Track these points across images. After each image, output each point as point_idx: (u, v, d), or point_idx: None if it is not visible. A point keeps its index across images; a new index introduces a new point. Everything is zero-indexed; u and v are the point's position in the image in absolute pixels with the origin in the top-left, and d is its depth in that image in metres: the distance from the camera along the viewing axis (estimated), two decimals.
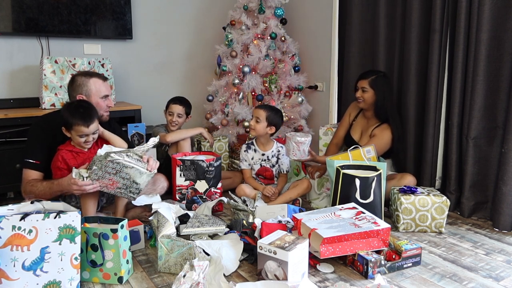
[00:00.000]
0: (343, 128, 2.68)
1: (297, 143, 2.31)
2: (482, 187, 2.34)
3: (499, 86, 2.22)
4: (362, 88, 2.45)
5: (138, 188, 1.95)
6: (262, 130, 2.50)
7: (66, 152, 2.01)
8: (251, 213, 2.15)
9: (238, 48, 3.21)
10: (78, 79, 2.12)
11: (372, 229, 1.76)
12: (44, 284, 1.50)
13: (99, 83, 2.14)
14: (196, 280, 1.41)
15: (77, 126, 1.94)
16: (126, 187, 1.92)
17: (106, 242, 1.58)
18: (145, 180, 1.94)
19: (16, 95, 2.95)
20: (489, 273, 1.72)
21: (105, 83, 2.18)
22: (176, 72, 3.65)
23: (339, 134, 2.69)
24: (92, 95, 2.12)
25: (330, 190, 2.36)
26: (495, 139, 2.28)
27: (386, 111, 2.44)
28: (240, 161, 2.62)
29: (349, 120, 2.67)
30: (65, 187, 1.89)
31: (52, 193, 1.96)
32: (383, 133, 2.43)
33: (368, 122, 2.56)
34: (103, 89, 2.15)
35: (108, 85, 2.21)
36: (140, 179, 1.92)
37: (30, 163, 2.03)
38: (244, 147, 2.61)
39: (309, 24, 3.50)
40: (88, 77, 2.13)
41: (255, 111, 2.53)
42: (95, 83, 2.12)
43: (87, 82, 2.11)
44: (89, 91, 2.11)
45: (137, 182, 1.92)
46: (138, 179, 1.91)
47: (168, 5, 3.51)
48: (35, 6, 2.86)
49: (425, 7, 2.49)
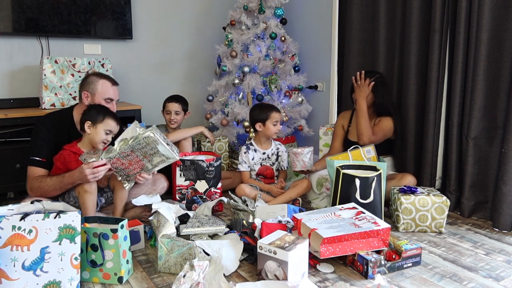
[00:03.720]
0: (338, 140, 2.67)
1: (295, 154, 2.40)
2: (482, 187, 2.34)
3: (499, 86, 2.22)
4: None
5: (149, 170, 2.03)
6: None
7: (70, 154, 2.00)
8: (251, 213, 2.15)
9: (238, 48, 3.21)
10: (89, 77, 2.18)
11: (372, 229, 1.76)
12: (44, 284, 1.50)
13: (107, 85, 2.18)
14: (196, 280, 1.41)
15: (109, 120, 2.03)
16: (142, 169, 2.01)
17: (106, 242, 1.58)
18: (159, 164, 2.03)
19: (16, 95, 2.95)
20: (489, 273, 1.72)
21: (113, 87, 2.21)
22: (176, 72, 3.65)
23: (335, 146, 2.67)
24: (97, 94, 2.15)
25: (330, 190, 2.36)
26: (495, 139, 2.28)
27: (385, 108, 2.48)
28: (239, 163, 2.62)
29: (343, 130, 2.67)
30: (77, 177, 1.91)
31: (62, 187, 1.98)
32: (385, 120, 2.47)
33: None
34: (109, 92, 2.18)
35: (117, 90, 2.24)
36: (159, 161, 2.00)
37: (36, 161, 2.04)
38: (244, 149, 2.61)
39: (309, 24, 3.50)
40: (98, 77, 2.18)
41: (276, 115, 2.53)
42: (103, 84, 2.17)
43: (96, 82, 2.16)
44: (95, 90, 2.15)
45: (153, 164, 2.00)
46: (158, 161, 2.00)
47: (168, 5, 3.51)
48: (35, 6, 2.86)
49: (425, 7, 2.49)
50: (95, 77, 2.18)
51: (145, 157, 1.96)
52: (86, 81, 2.17)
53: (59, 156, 2.02)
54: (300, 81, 3.31)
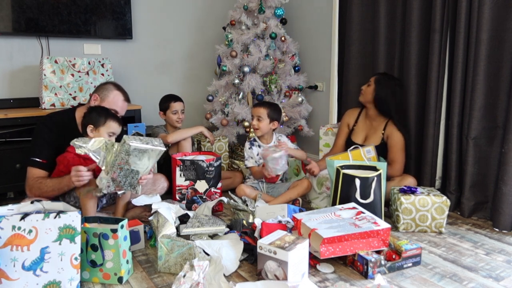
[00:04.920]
0: (341, 138, 2.67)
1: (264, 155, 2.34)
2: (482, 187, 2.34)
3: (499, 86, 2.22)
4: (368, 82, 2.50)
5: (138, 173, 1.90)
6: (266, 127, 2.50)
7: (74, 158, 1.99)
8: (251, 213, 2.15)
9: (238, 48, 3.21)
10: (107, 85, 2.24)
11: (372, 229, 1.76)
12: (44, 284, 1.50)
13: (119, 98, 2.21)
14: (196, 280, 1.41)
15: (111, 122, 2.03)
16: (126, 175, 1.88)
17: (106, 242, 1.58)
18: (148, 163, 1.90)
19: (16, 95, 2.95)
20: (489, 273, 1.72)
21: (124, 102, 2.24)
22: (176, 72, 3.65)
23: (338, 143, 2.68)
24: (106, 101, 2.17)
25: (330, 189, 2.36)
26: (495, 139, 2.28)
27: (388, 108, 2.45)
28: (245, 159, 2.60)
29: (348, 129, 2.66)
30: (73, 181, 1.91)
31: (61, 189, 1.98)
32: (394, 137, 2.44)
33: (372, 123, 2.56)
34: (118, 105, 2.21)
35: (126, 107, 2.27)
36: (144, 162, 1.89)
37: (36, 162, 2.04)
38: (248, 145, 2.61)
39: (309, 24, 3.50)
40: (115, 88, 2.23)
41: (255, 110, 2.52)
42: (116, 95, 2.21)
43: (111, 90, 2.20)
44: (105, 97, 2.18)
45: (138, 169, 1.88)
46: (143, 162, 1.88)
47: (168, 5, 3.51)
48: (35, 6, 2.86)
49: (425, 7, 2.49)
50: (112, 86, 2.22)
51: (130, 164, 1.86)
52: (103, 87, 2.21)
53: (63, 159, 2.01)
54: (300, 81, 3.31)
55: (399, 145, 2.44)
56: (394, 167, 2.42)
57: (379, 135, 2.50)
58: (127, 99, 2.27)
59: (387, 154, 2.48)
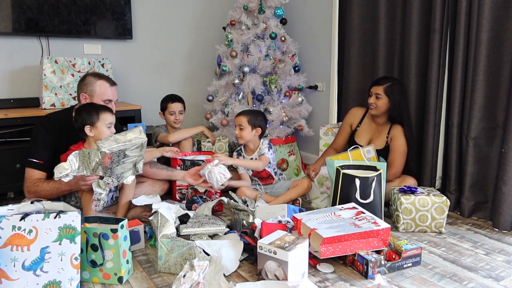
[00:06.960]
0: (342, 136, 2.66)
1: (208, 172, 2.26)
2: (482, 187, 2.34)
3: (499, 86, 2.22)
4: (376, 94, 2.41)
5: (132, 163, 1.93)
6: (248, 135, 2.50)
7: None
8: (251, 213, 2.15)
9: (238, 48, 3.21)
10: (87, 78, 2.14)
11: (372, 229, 1.76)
12: (44, 284, 1.50)
13: (105, 86, 2.14)
14: (196, 280, 1.41)
15: (103, 114, 1.98)
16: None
17: (106, 242, 1.58)
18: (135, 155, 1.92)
19: (16, 95, 2.95)
20: (489, 273, 1.72)
21: (112, 87, 2.17)
22: (176, 72, 3.65)
23: (338, 141, 2.67)
24: (95, 96, 2.11)
25: (330, 189, 2.36)
26: (495, 139, 2.28)
27: (400, 117, 2.43)
28: (237, 168, 2.64)
29: (350, 128, 2.64)
30: (73, 184, 1.91)
31: (59, 193, 1.98)
32: (397, 139, 2.41)
33: (377, 126, 2.54)
34: (108, 93, 2.14)
35: (115, 91, 2.20)
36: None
37: (33, 163, 2.03)
38: (235, 155, 2.66)
39: (309, 24, 3.50)
40: (96, 78, 2.13)
41: (236, 119, 2.53)
42: (101, 85, 2.12)
43: (94, 83, 2.12)
44: (93, 91, 2.11)
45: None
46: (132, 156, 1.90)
47: (168, 5, 3.51)
48: (35, 6, 2.86)
49: (425, 7, 2.49)
50: (93, 78, 2.13)
51: (119, 164, 1.89)
52: (84, 82, 2.13)
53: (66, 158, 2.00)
54: (300, 81, 3.31)
55: (400, 149, 2.40)
56: (390, 171, 2.37)
57: (383, 139, 2.48)
58: (113, 82, 2.19)
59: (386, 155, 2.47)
